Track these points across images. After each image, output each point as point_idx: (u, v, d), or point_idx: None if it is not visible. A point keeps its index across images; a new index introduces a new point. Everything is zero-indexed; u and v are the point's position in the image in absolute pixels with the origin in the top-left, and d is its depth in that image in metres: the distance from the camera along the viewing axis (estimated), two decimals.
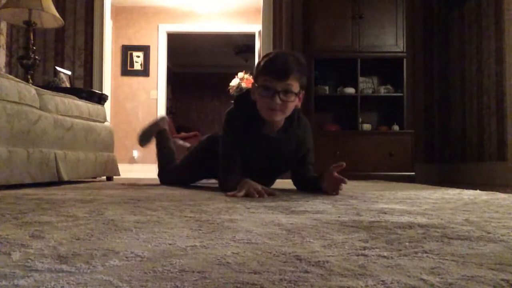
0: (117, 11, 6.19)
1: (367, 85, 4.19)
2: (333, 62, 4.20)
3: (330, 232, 0.80)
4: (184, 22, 6.35)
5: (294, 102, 1.69)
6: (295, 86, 1.64)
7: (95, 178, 3.27)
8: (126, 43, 6.22)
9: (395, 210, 1.18)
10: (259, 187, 1.58)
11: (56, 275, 0.49)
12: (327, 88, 4.13)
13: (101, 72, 4.59)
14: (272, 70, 1.61)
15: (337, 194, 1.71)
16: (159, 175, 2.59)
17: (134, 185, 2.44)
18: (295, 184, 2.00)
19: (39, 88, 2.49)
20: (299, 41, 4.51)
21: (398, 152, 3.91)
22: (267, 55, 1.71)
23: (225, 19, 6.37)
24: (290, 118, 1.76)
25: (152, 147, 2.77)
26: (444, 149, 4.46)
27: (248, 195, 1.54)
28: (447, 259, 0.59)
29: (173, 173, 2.46)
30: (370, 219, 0.99)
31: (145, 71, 6.21)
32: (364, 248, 0.65)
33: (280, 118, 1.71)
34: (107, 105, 4.58)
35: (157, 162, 2.63)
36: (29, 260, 0.56)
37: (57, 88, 3.05)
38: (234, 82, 6.15)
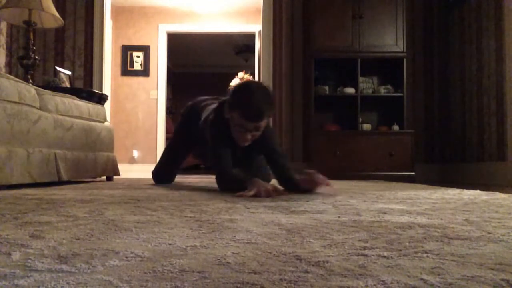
0: (117, 11, 6.19)
1: (367, 85, 4.18)
2: (333, 62, 4.19)
3: (330, 232, 0.80)
4: (184, 22, 6.35)
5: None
6: (264, 123, 1.83)
7: (95, 178, 3.27)
8: (126, 43, 6.22)
9: (395, 210, 1.18)
10: (269, 186, 1.65)
11: (56, 275, 0.49)
12: (327, 88, 4.13)
13: (101, 72, 4.59)
14: (248, 116, 1.76)
15: (313, 188, 1.81)
16: (153, 172, 2.69)
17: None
18: (275, 177, 2.07)
19: (39, 88, 2.49)
20: (299, 41, 4.51)
21: (398, 152, 3.91)
22: (242, 91, 1.84)
23: (225, 19, 6.38)
24: None
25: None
26: (444, 149, 4.46)
27: (256, 195, 1.59)
28: (447, 259, 0.59)
29: (163, 158, 2.63)
30: (370, 219, 0.99)
31: (145, 71, 6.21)
32: (364, 248, 0.65)
33: (248, 144, 1.89)
34: (107, 105, 4.58)
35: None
36: (29, 260, 0.56)
37: (57, 88, 3.04)
38: (234, 82, 6.15)
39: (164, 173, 2.65)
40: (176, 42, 7.47)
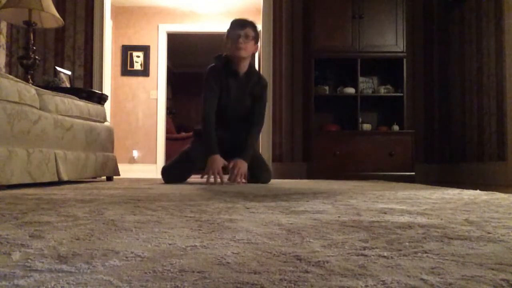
0: (117, 11, 6.19)
1: (367, 85, 4.19)
2: (333, 62, 4.20)
3: (330, 232, 0.80)
4: (184, 22, 6.35)
5: (252, 46, 2.58)
6: (252, 34, 2.55)
7: (95, 178, 3.27)
8: (126, 43, 6.22)
9: (395, 210, 1.18)
10: (219, 169, 2.42)
11: (56, 275, 0.49)
12: (327, 88, 4.13)
13: (101, 72, 4.59)
14: (236, 24, 2.57)
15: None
16: (163, 170, 2.78)
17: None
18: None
19: (39, 88, 2.49)
20: (299, 41, 4.51)
21: (398, 152, 3.91)
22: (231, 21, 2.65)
23: (225, 19, 6.37)
24: (250, 66, 2.65)
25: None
26: (444, 149, 4.46)
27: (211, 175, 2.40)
28: (447, 259, 0.58)
29: (174, 162, 2.80)
30: (370, 219, 0.99)
31: (145, 71, 6.21)
32: (364, 248, 0.65)
33: (244, 55, 2.55)
34: (107, 105, 4.58)
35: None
36: (29, 260, 0.56)
37: (57, 88, 3.04)
38: None
39: (173, 173, 2.73)
40: (176, 42, 7.47)
